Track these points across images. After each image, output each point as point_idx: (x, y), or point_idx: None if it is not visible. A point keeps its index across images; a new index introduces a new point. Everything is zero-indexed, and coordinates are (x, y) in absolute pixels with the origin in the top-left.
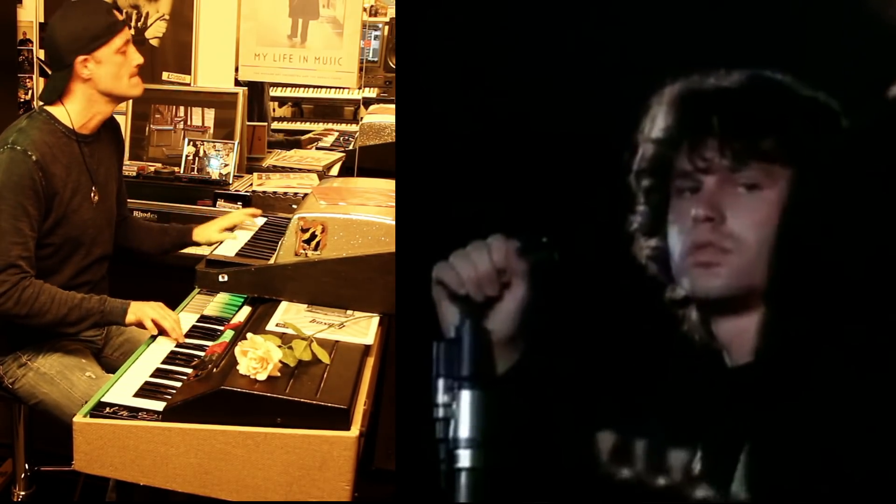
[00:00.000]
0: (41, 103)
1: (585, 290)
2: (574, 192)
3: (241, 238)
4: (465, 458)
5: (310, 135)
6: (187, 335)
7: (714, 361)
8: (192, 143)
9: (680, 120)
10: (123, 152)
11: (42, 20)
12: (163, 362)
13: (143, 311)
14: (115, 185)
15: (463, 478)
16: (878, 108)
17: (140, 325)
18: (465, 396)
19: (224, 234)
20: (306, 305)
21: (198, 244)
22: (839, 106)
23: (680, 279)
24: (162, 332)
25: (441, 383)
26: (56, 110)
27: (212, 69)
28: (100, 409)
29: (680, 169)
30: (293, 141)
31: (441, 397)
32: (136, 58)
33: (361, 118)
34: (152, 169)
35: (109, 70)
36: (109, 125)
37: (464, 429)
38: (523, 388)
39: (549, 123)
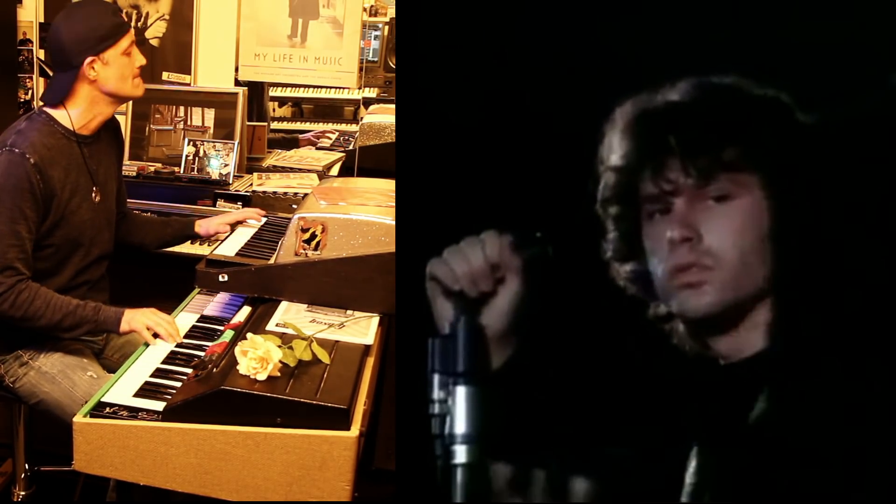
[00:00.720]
0: (41, 104)
1: (571, 300)
2: (566, 197)
3: (241, 238)
4: (461, 453)
5: (308, 135)
6: (187, 335)
7: (707, 364)
8: (192, 143)
9: (636, 144)
10: (123, 152)
11: (42, 20)
12: (163, 362)
13: (136, 320)
14: (114, 184)
15: (459, 474)
16: (850, 103)
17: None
18: (461, 392)
19: (226, 228)
20: (306, 305)
21: (199, 236)
22: (791, 99)
23: (668, 302)
24: (158, 336)
25: (436, 379)
26: (56, 112)
27: (212, 69)
28: (100, 409)
29: (646, 193)
30: (291, 139)
31: (437, 393)
32: (140, 59)
33: (361, 118)
34: (152, 169)
35: (115, 71)
36: (110, 125)
37: (459, 425)
38: (518, 384)
39: (547, 123)
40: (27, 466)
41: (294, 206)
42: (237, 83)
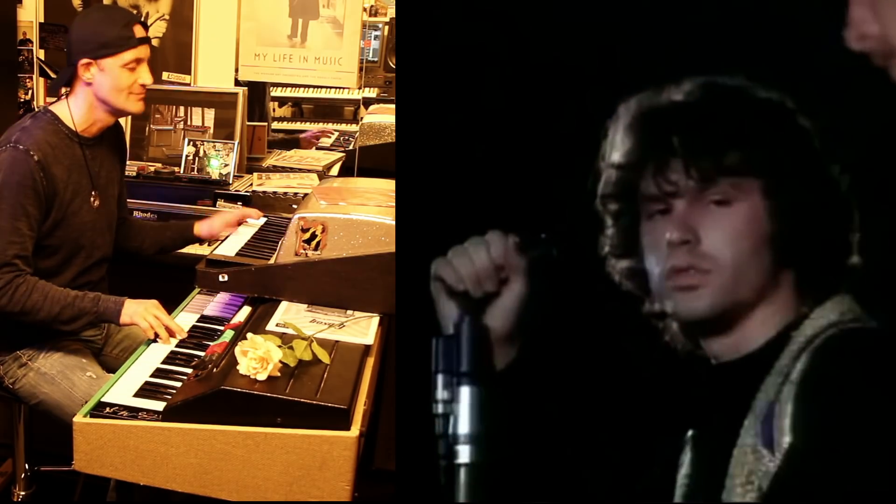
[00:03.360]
0: (49, 101)
1: (571, 300)
2: (564, 196)
3: (241, 238)
4: (464, 453)
5: (307, 134)
6: (187, 335)
7: (699, 363)
8: (192, 143)
9: (639, 143)
10: (126, 156)
11: (42, 20)
12: (163, 362)
13: (138, 314)
14: (116, 188)
15: (462, 473)
16: (839, 106)
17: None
18: (465, 392)
19: (228, 229)
20: (306, 305)
21: (200, 239)
22: (794, 104)
23: (663, 302)
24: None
25: (440, 379)
26: (61, 111)
27: (212, 69)
28: (100, 409)
29: (647, 193)
30: (292, 140)
31: (440, 393)
32: (146, 78)
33: (361, 118)
34: (152, 169)
35: (110, 81)
36: (113, 129)
37: (463, 424)
38: (522, 385)
39: (547, 123)
40: (27, 466)
41: (294, 206)
42: (237, 83)
